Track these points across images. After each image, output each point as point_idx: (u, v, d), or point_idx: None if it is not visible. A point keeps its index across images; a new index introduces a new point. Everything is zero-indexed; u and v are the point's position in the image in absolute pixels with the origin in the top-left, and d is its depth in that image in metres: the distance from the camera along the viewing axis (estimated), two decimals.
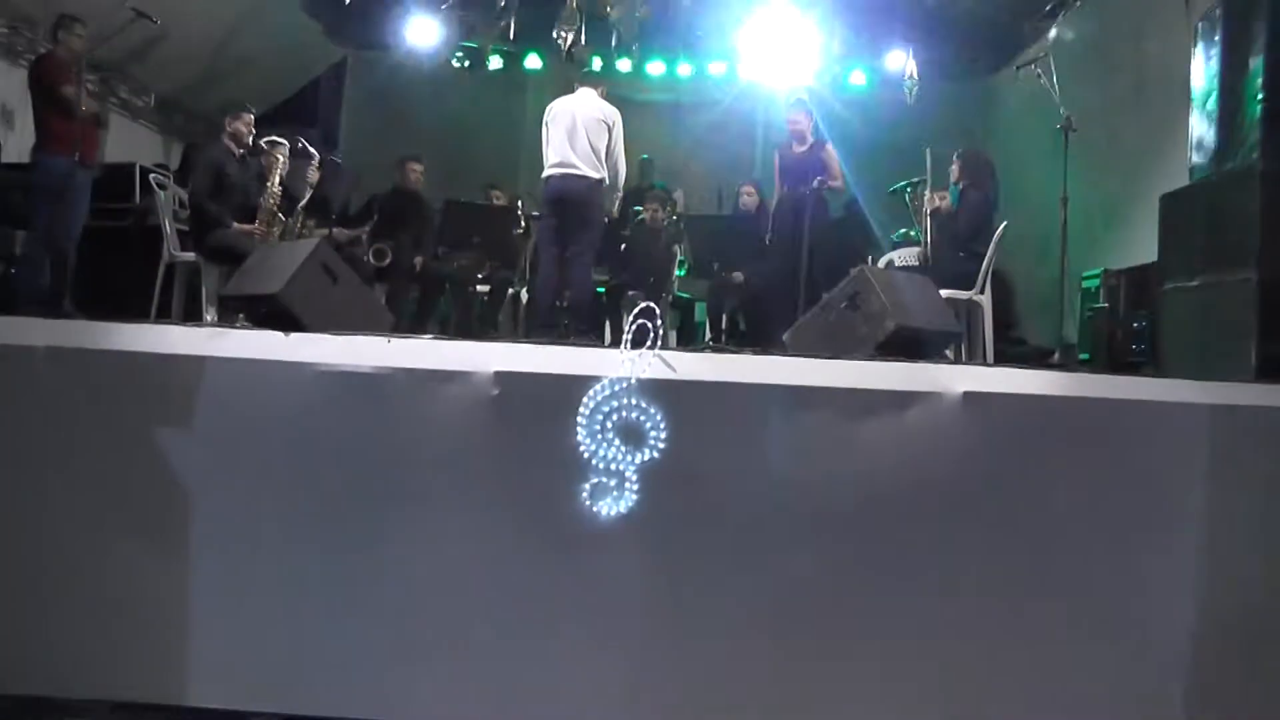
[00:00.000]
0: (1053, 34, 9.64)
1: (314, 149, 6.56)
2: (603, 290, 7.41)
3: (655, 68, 11.42)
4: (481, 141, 11.31)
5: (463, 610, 3.36)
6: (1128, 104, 8.20)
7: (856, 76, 11.32)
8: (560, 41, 10.40)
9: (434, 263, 7.33)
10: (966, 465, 3.44)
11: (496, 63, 11.41)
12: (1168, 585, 3.48)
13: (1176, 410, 3.53)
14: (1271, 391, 3.70)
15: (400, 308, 6.84)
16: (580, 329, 6.17)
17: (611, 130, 6.26)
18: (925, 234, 6.48)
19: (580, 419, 3.32)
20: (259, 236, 5.88)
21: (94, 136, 6.37)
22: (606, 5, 9.75)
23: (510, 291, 7.71)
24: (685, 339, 7.75)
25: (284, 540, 3.40)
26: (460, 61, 11.18)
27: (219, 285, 5.65)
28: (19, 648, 3.40)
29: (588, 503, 3.30)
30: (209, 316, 5.65)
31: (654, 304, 3.44)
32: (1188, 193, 5.83)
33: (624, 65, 11.18)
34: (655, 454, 3.30)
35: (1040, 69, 6.14)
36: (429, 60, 10.83)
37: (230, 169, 6.00)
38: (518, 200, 8.16)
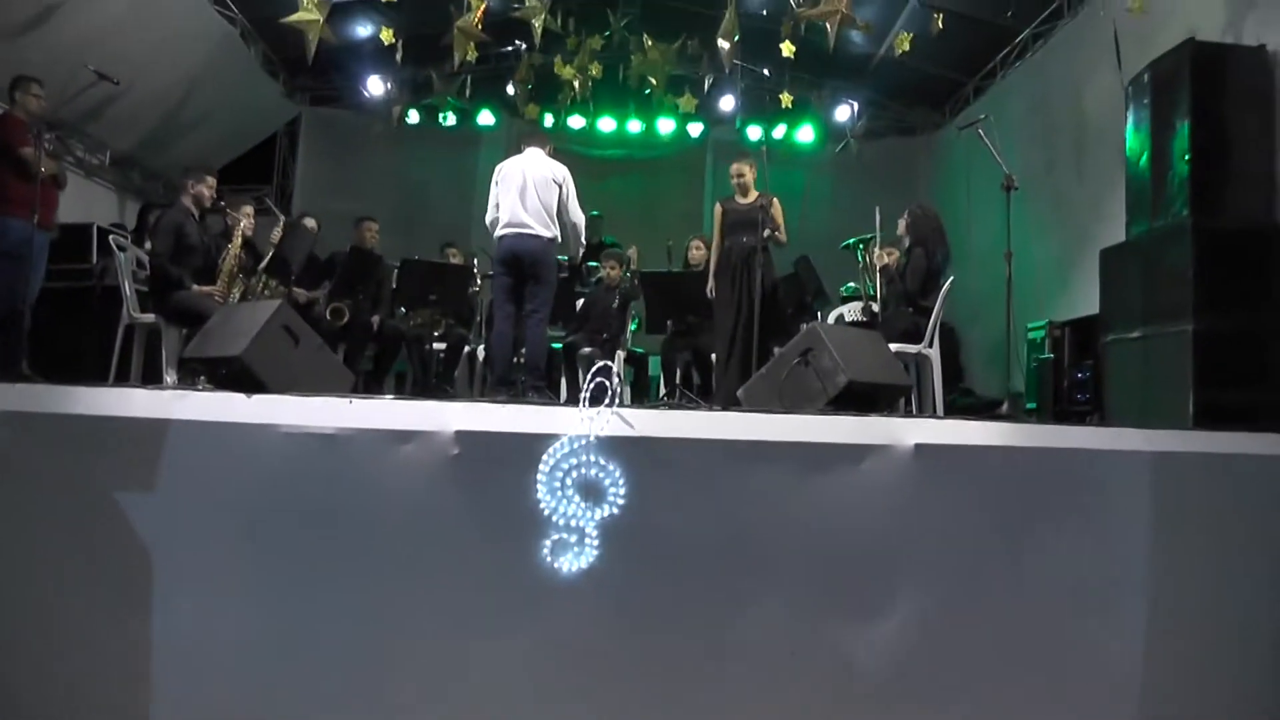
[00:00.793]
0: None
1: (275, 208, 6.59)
2: (558, 346, 7.47)
3: (606, 124, 11.68)
4: (434, 197, 11.47)
5: (426, 668, 3.37)
6: (1068, 162, 8.48)
7: (805, 132, 11.60)
8: (515, 99, 10.62)
9: (391, 321, 7.38)
10: (919, 515, 3.54)
11: (450, 119, 11.59)
12: (1116, 627, 3.60)
13: (1122, 458, 3.67)
14: (1211, 438, 3.86)
15: (357, 366, 6.86)
16: (536, 386, 6.21)
17: (562, 187, 6.33)
18: (877, 289, 6.60)
19: (540, 476, 3.36)
20: (219, 298, 5.89)
21: (53, 198, 6.32)
22: (559, 64, 9.94)
23: (466, 349, 7.76)
24: (639, 393, 7.81)
25: (246, 602, 3.39)
26: (412, 117, 11.35)
27: (179, 347, 5.65)
28: None
29: (549, 559, 3.34)
30: (169, 378, 5.62)
31: (609, 362, 3.50)
32: (1125, 248, 6.05)
33: (576, 122, 11.43)
34: (615, 510, 3.36)
35: (982, 129, 6.30)
36: (383, 117, 11.00)
37: (190, 230, 5.97)
38: (473, 258, 8.24)
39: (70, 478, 3.43)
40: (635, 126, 11.77)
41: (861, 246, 6.81)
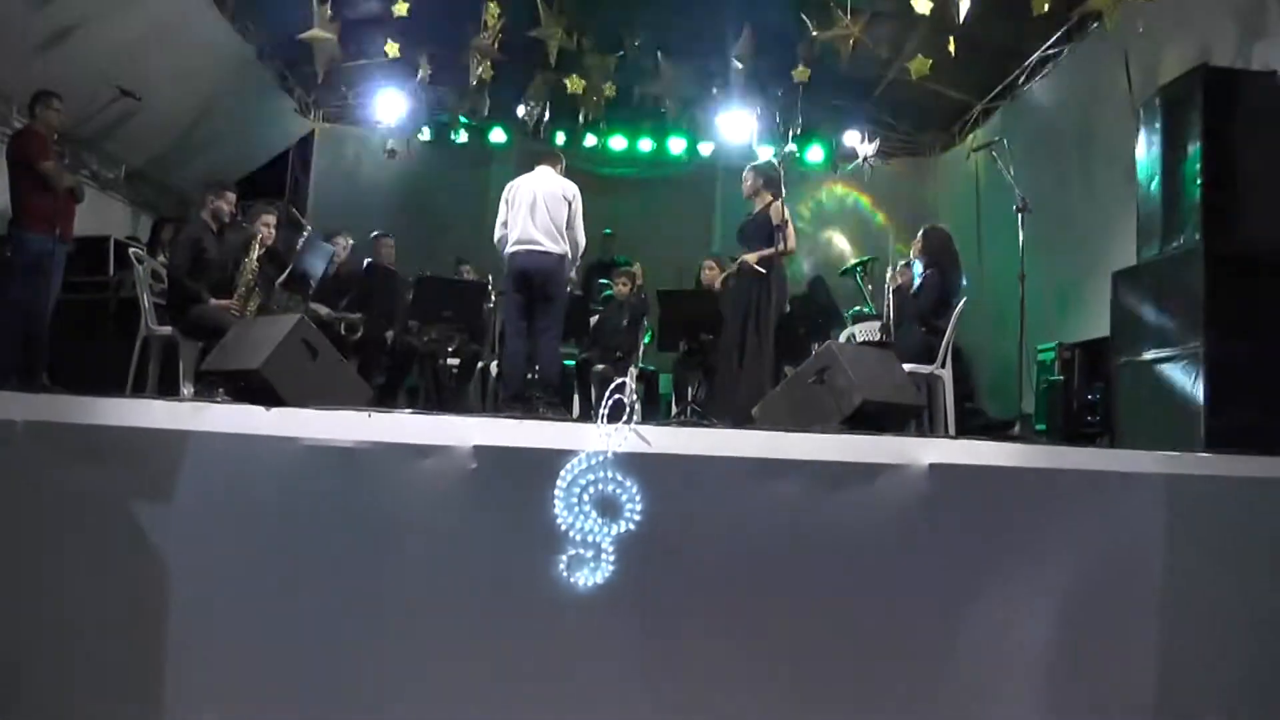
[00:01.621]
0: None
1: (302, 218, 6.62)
2: (571, 363, 7.50)
3: (618, 143, 11.73)
4: (445, 214, 11.50)
5: (444, 682, 3.39)
6: (1079, 184, 8.50)
7: (814, 152, 11.63)
8: (527, 118, 10.67)
9: (406, 336, 7.42)
10: (933, 534, 3.56)
11: (462, 137, 11.65)
12: (1128, 650, 3.61)
13: (1134, 480, 3.69)
14: (1222, 461, 3.87)
15: (372, 381, 6.89)
16: (550, 402, 6.24)
17: (571, 204, 6.37)
18: (887, 309, 6.62)
19: (558, 492, 3.37)
20: (236, 311, 5.93)
21: (71, 212, 6.38)
22: (573, 81, 9.99)
23: (480, 365, 7.79)
24: (650, 411, 7.82)
25: (265, 614, 3.41)
26: (424, 134, 11.41)
27: (196, 360, 5.69)
28: None
29: (565, 574, 3.35)
30: (186, 390, 5.66)
31: (625, 379, 3.52)
32: (1137, 271, 6.06)
33: (589, 140, 11.48)
34: (631, 525, 3.37)
35: (995, 151, 6.33)
36: (396, 134, 11.06)
37: (208, 245, 6.03)
38: (488, 275, 8.29)
39: (89, 487, 3.44)
40: (646, 145, 11.84)
41: (860, 270, 6.83)
